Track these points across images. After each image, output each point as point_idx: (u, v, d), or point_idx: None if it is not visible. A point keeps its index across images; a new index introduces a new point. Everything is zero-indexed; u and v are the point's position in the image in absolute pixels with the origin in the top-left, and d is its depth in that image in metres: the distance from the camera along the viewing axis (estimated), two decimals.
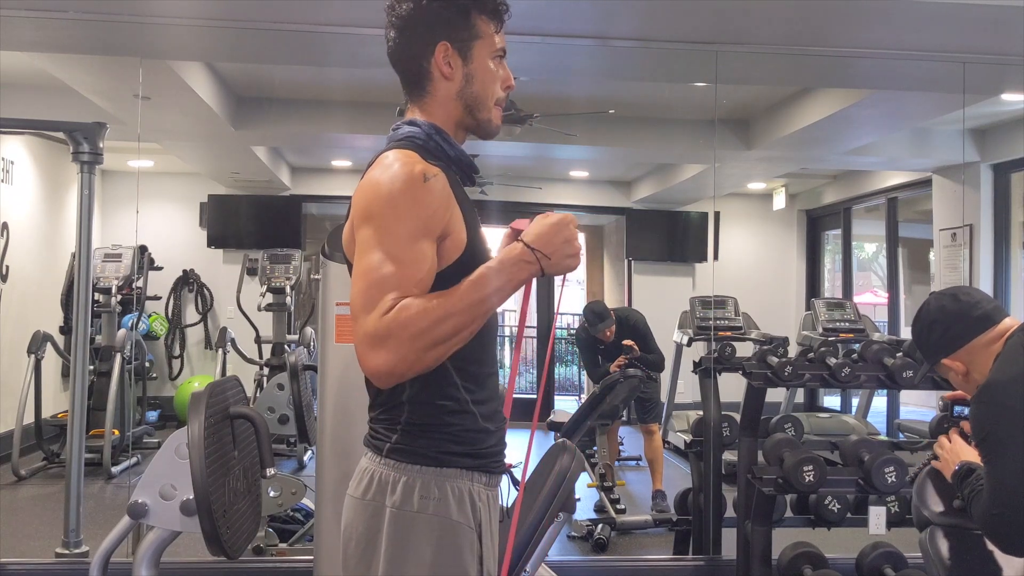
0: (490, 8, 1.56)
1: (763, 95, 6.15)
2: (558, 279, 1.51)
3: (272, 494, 3.79)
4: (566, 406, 8.82)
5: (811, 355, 3.55)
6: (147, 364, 7.50)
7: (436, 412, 1.47)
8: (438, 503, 1.45)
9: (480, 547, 1.49)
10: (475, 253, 1.49)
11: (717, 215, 8.55)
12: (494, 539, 1.56)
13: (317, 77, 5.74)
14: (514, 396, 1.72)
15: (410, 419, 1.48)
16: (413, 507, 1.45)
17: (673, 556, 4.28)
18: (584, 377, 9.94)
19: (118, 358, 6.24)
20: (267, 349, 7.12)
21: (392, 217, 1.41)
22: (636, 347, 5.43)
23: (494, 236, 1.60)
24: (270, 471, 2.72)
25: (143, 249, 6.90)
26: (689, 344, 6.08)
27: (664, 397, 6.80)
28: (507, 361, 10.93)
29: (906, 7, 3.57)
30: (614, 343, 5.57)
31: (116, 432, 6.09)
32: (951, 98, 5.00)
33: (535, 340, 9.55)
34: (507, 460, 1.64)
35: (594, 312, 5.60)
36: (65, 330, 6.66)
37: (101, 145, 3.96)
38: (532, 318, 9.78)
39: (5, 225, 6.40)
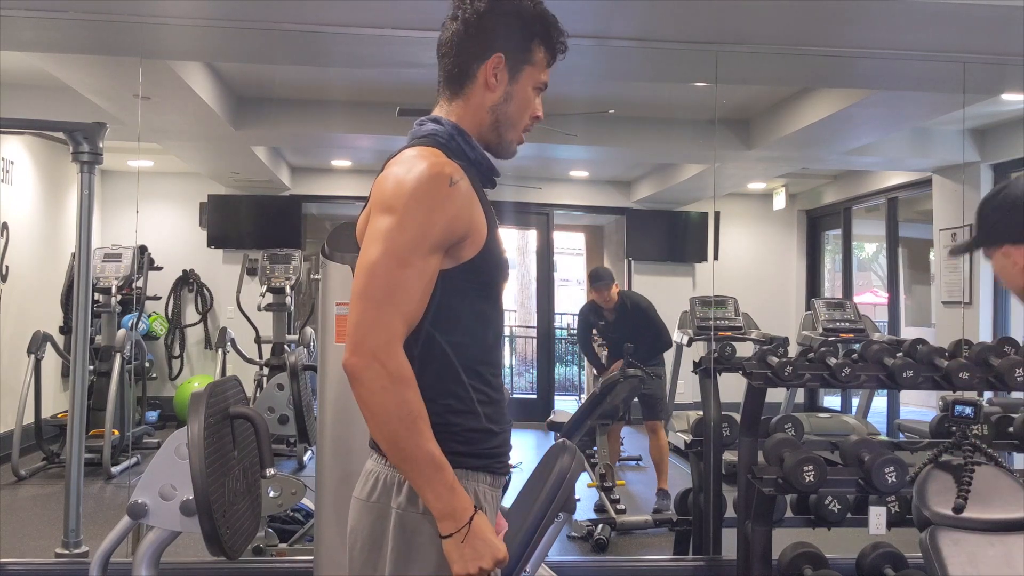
0: (550, 43, 1.61)
1: (763, 95, 6.15)
2: None
3: (272, 494, 3.79)
4: (566, 406, 8.82)
5: (811, 355, 3.54)
6: (147, 364, 7.50)
7: (442, 412, 1.47)
8: None
9: None
10: (490, 254, 1.50)
11: (717, 215, 8.56)
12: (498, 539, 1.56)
13: (317, 77, 5.74)
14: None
15: None
16: (419, 508, 1.44)
17: (673, 556, 4.28)
18: (584, 377, 9.95)
19: (118, 358, 6.24)
20: (267, 349, 7.12)
21: (413, 214, 1.41)
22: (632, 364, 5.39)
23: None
24: (270, 471, 2.72)
25: (143, 249, 6.90)
26: (689, 344, 6.08)
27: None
28: (507, 361, 10.94)
29: (906, 7, 3.57)
30: (615, 322, 5.60)
31: (116, 432, 6.09)
32: (951, 98, 5.01)
33: (535, 340, 9.55)
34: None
35: (596, 273, 5.71)
36: (65, 330, 6.66)
37: (101, 145, 3.96)
38: (532, 318, 9.79)
39: (5, 225, 6.39)
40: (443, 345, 1.48)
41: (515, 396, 9.53)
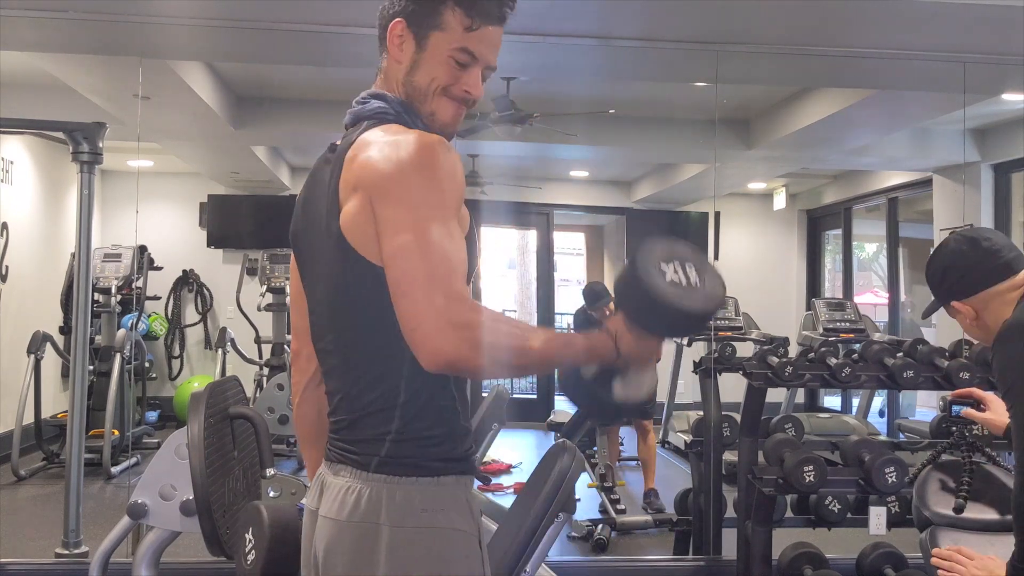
0: (471, 6, 1.40)
1: (763, 95, 6.15)
2: None
3: (272, 494, 3.78)
4: (566, 406, 8.82)
5: (811, 355, 3.54)
6: (147, 364, 7.50)
7: (431, 415, 1.37)
8: (441, 515, 1.36)
9: (482, 553, 1.42)
10: (474, 239, 1.41)
11: (717, 215, 8.53)
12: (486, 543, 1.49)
13: (317, 77, 5.74)
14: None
15: (401, 426, 1.37)
16: (415, 522, 1.35)
17: (673, 556, 4.28)
18: None
19: (118, 358, 6.24)
20: (267, 349, 7.12)
21: (429, 182, 1.29)
22: None
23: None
24: (270, 471, 2.72)
25: (143, 249, 6.89)
26: (689, 344, 6.08)
27: (664, 397, 6.80)
28: None
29: (906, 7, 3.57)
30: None
31: (116, 432, 6.08)
32: (951, 98, 5.01)
33: None
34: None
35: (592, 291, 5.64)
36: (65, 330, 6.66)
37: (101, 145, 3.96)
38: (532, 318, 9.78)
39: (5, 225, 6.39)
40: None
41: (515, 396, 9.51)
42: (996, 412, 2.18)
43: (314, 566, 1.43)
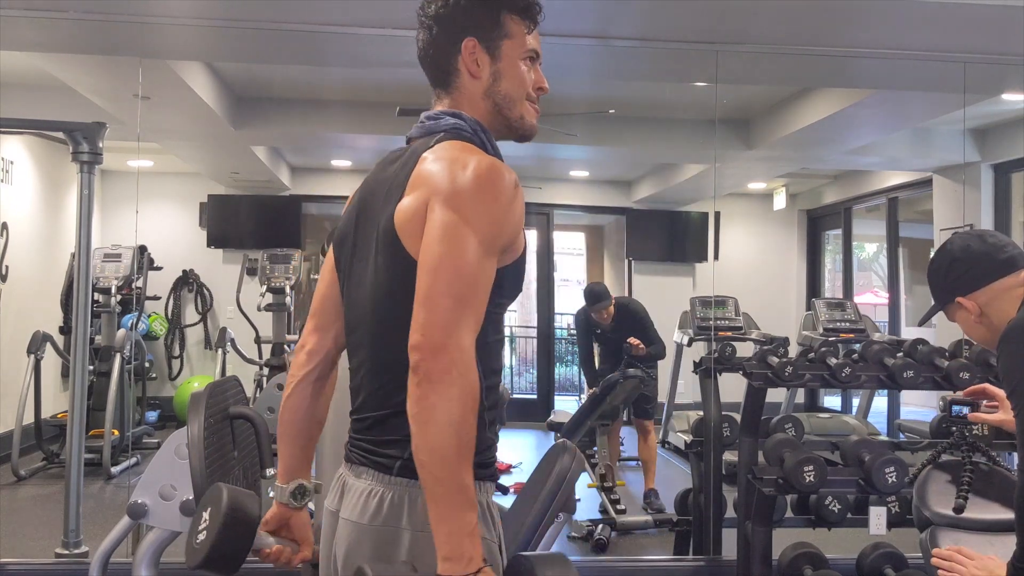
0: (521, 7, 1.51)
1: (763, 95, 6.15)
2: None
3: (272, 494, 3.78)
4: (566, 406, 8.82)
5: (811, 355, 3.54)
6: (147, 364, 7.50)
7: None
8: None
9: (501, 560, 1.41)
10: (523, 262, 1.45)
11: (717, 215, 8.56)
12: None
13: (317, 77, 5.74)
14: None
15: None
16: None
17: (673, 556, 4.28)
18: (584, 377, 9.93)
19: (118, 358, 6.24)
20: (267, 349, 7.11)
21: (488, 210, 1.33)
22: (641, 346, 5.42)
23: None
24: (270, 471, 2.72)
25: (143, 249, 6.90)
26: (689, 344, 6.07)
27: (664, 397, 6.80)
28: (507, 361, 10.94)
29: (906, 7, 3.57)
30: (612, 330, 5.58)
31: (116, 432, 6.09)
32: (951, 98, 5.01)
33: (535, 340, 9.54)
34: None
35: (593, 292, 5.63)
36: (65, 330, 6.66)
37: (101, 145, 3.96)
38: (532, 318, 9.78)
39: (5, 225, 6.39)
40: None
41: (515, 396, 9.51)
42: (1008, 411, 2.18)
43: (334, 568, 1.44)
